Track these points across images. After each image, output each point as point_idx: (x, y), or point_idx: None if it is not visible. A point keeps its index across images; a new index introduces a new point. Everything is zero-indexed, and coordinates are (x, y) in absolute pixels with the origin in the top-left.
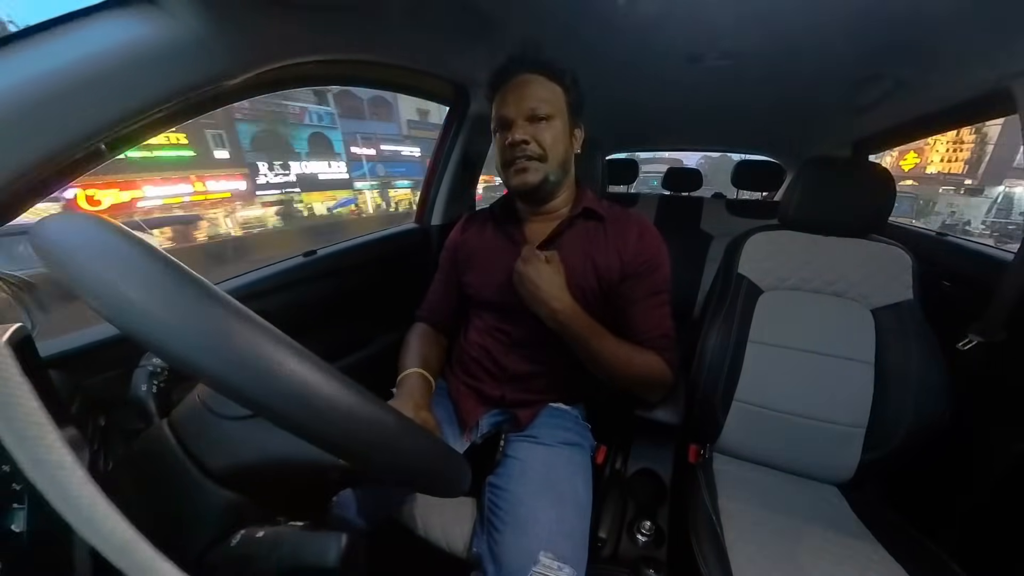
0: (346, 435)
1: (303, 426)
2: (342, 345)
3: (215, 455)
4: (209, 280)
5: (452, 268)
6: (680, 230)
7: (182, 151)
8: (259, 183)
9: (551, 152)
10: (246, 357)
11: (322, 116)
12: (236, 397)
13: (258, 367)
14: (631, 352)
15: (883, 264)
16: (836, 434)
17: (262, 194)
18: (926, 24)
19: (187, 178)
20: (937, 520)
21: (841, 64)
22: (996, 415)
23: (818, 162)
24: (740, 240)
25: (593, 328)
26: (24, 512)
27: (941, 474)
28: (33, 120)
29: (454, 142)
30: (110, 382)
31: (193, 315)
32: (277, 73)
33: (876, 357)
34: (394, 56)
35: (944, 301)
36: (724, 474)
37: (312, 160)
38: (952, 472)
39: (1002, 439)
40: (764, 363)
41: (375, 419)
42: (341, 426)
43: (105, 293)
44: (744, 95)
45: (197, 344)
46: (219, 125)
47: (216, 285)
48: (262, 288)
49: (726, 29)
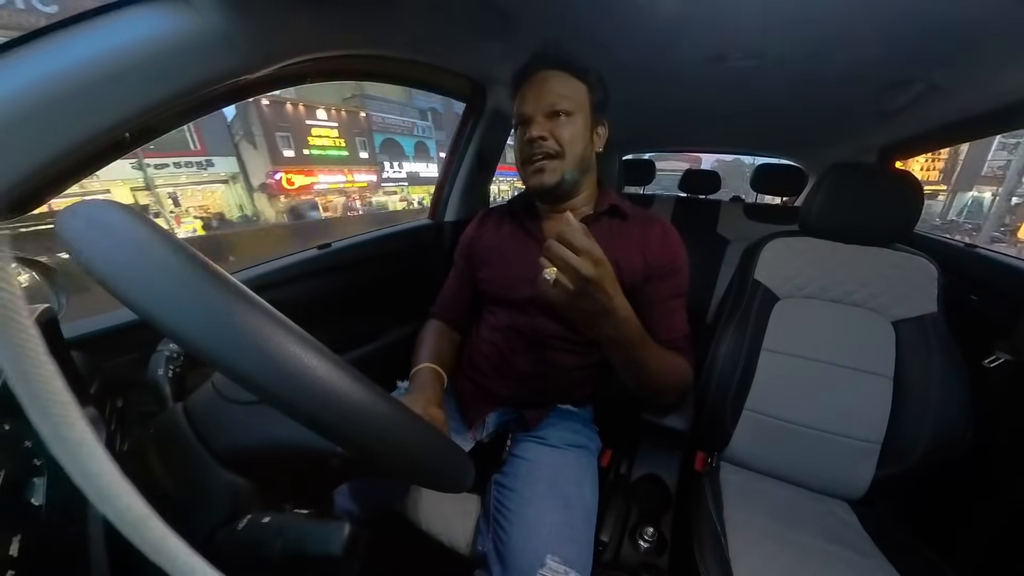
0: (347, 425)
1: (305, 414)
2: (353, 337)
3: (223, 438)
4: (226, 270)
5: (467, 264)
6: (696, 233)
7: (341, 151)
8: (384, 177)
9: (568, 149)
10: (255, 346)
11: (423, 129)
12: (242, 382)
13: (266, 356)
14: (665, 356)
15: (907, 274)
16: (850, 449)
17: (385, 185)
18: (960, 28)
19: (342, 170)
20: (951, 544)
21: (870, 67)
22: (1018, 439)
23: (843, 167)
24: (758, 245)
25: (642, 332)
26: (43, 486)
27: (958, 496)
28: (62, 110)
29: (470, 139)
30: (129, 365)
31: (207, 303)
32: (298, 67)
33: (896, 371)
34: (413, 52)
35: (971, 315)
36: (731, 484)
37: (417, 162)
38: (970, 495)
39: (1022, 466)
40: (777, 372)
41: (378, 410)
42: (343, 416)
43: (124, 280)
44: (767, 97)
45: (209, 332)
46: (363, 133)
47: (232, 275)
48: (277, 279)
49: (750, 29)
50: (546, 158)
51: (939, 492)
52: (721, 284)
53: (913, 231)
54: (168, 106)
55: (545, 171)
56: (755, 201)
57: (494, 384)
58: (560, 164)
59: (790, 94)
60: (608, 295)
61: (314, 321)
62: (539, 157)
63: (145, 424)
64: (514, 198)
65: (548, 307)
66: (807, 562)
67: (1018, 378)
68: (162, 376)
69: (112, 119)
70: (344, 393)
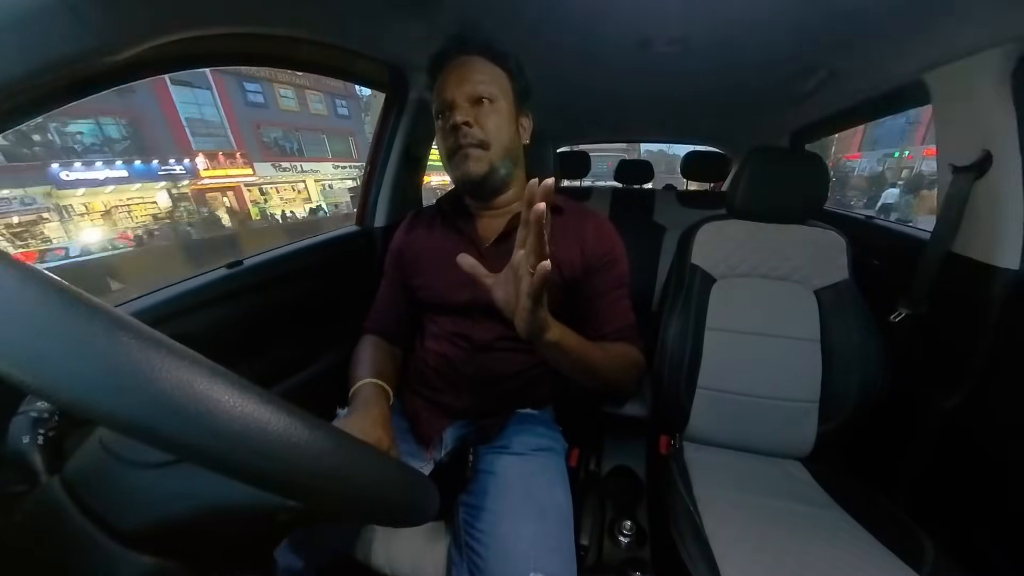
0: (288, 469)
1: (234, 464)
2: (281, 366)
3: (128, 513)
4: (106, 302)
5: (399, 273)
6: (634, 223)
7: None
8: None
9: (494, 138)
10: (161, 390)
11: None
12: (152, 440)
13: (176, 400)
14: (612, 352)
15: (821, 247)
16: (793, 410)
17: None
18: (856, 16)
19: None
20: (891, 481)
21: (779, 53)
22: (927, 379)
23: (760, 152)
24: (691, 231)
25: (582, 341)
26: None
27: (890, 438)
28: None
29: (394, 133)
30: None
31: (89, 345)
32: (174, 49)
33: (821, 335)
34: (320, 32)
35: (875, 279)
36: (695, 462)
37: None
38: (899, 434)
39: (933, 399)
40: (723, 349)
41: (320, 445)
42: (280, 459)
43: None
44: (692, 85)
45: (95, 380)
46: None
47: (117, 307)
48: (177, 307)
49: (673, 12)
50: (472, 147)
51: (875, 439)
52: (662, 271)
53: (823, 208)
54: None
55: (471, 158)
56: (686, 188)
57: (446, 396)
58: (487, 154)
59: (711, 81)
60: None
61: (230, 352)
62: (465, 146)
63: (10, 510)
64: (442, 197)
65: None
66: (776, 524)
67: (918, 328)
68: (29, 444)
69: None
70: (277, 430)
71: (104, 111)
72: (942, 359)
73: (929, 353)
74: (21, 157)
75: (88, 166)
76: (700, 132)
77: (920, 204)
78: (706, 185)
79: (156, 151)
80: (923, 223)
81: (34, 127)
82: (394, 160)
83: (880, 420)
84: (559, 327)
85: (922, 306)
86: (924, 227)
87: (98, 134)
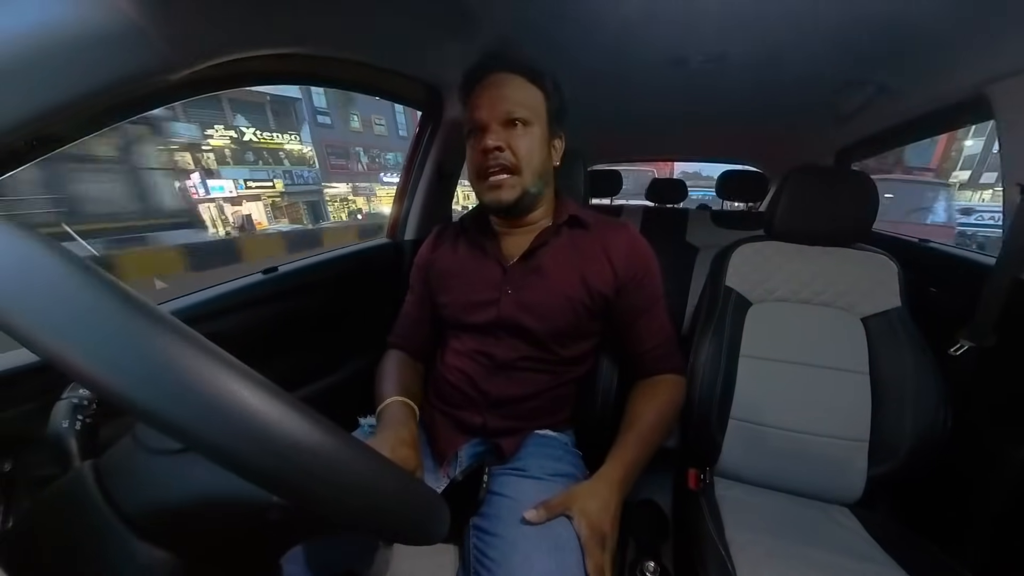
0: (293, 470)
1: (237, 454)
2: (308, 371)
3: (136, 497)
4: (151, 300)
5: (424, 288)
6: (666, 243)
7: None
8: None
9: (526, 163)
10: (184, 383)
11: None
12: (173, 431)
13: (198, 395)
14: (658, 414)
15: (870, 272)
16: (839, 449)
17: None
18: (908, 31)
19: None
20: (952, 534)
21: (825, 71)
22: (995, 421)
23: (802, 171)
24: (726, 252)
25: (635, 453)
26: None
27: (951, 486)
28: None
29: (428, 150)
30: (22, 418)
31: (125, 336)
32: (227, 68)
33: (871, 367)
34: (360, 53)
35: (932, 307)
36: (728, 500)
37: None
38: (962, 483)
39: (1005, 445)
40: (758, 378)
41: (330, 452)
42: (286, 459)
43: (20, 311)
44: (729, 103)
45: (128, 370)
46: None
47: (159, 305)
48: (215, 308)
49: (710, 30)
50: (503, 172)
51: (934, 485)
52: (694, 293)
53: (871, 230)
54: (67, 112)
55: (503, 187)
56: (722, 208)
57: (465, 413)
58: (518, 180)
59: (750, 99)
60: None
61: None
62: (496, 170)
63: (41, 491)
64: (465, 215)
65: (515, 328)
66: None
67: (983, 363)
68: (67, 429)
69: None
70: (287, 431)
71: (393, 148)
72: (1012, 400)
73: (996, 392)
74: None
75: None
76: (737, 150)
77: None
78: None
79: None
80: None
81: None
82: (427, 176)
83: (940, 465)
84: (605, 482)
85: (987, 339)
86: (988, 252)
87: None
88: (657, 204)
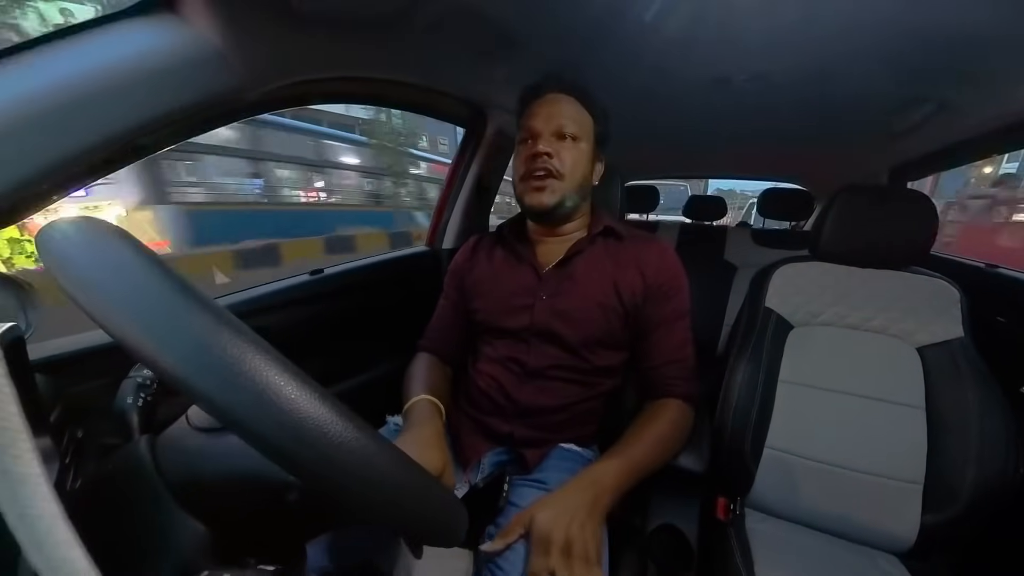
0: (320, 459)
1: (272, 442)
2: (342, 368)
3: (180, 468)
4: (209, 294)
5: (458, 294)
6: (702, 260)
7: None
8: None
9: (570, 174)
10: (235, 373)
11: None
12: (220, 415)
13: (246, 384)
14: (658, 434)
15: (927, 298)
16: (888, 490)
17: None
18: (975, 45)
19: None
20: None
21: (878, 86)
22: None
23: (853, 189)
24: (767, 272)
25: (632, 457)
26: None
27: (1019, 542)
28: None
29: (469, 164)
30: (96, 391)
31: (183, 326)
32: (294, 89)
33: (927, 401)
34: (411, 75)
35: (1000, 339)
36: (759, 534)
37: None
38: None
39: None
40: (798, 405)
41: (358, 446)
42: (313, 447)
43: (97, 298)
44: (773, 120)
45: (187, 357)
46: None
47: (215, 299)
48: (264, 305)
49: (755, 50)
50: (548, 176)
51: (999, 539)
52: (730, 313)
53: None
54: (158, 125)
55: (545, 190)
56: (763, 227)
57: (493, 420)
58: (561, 185)
59: (797, 116)
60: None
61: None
62: (541, 173)
63: (105, 458)
64: (503, 223)
65: (548, 334)
66: None
67: None
68: (131, 404)
69: (99, 137)
70: (325, 427)
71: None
72: None
73: None
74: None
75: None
76: (780, 168)
77: None
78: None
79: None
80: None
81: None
82: (467, 188)
83: (1006, 517)
84: (567, 491)
85: None
86: None
87: None
88: (694, 221)
